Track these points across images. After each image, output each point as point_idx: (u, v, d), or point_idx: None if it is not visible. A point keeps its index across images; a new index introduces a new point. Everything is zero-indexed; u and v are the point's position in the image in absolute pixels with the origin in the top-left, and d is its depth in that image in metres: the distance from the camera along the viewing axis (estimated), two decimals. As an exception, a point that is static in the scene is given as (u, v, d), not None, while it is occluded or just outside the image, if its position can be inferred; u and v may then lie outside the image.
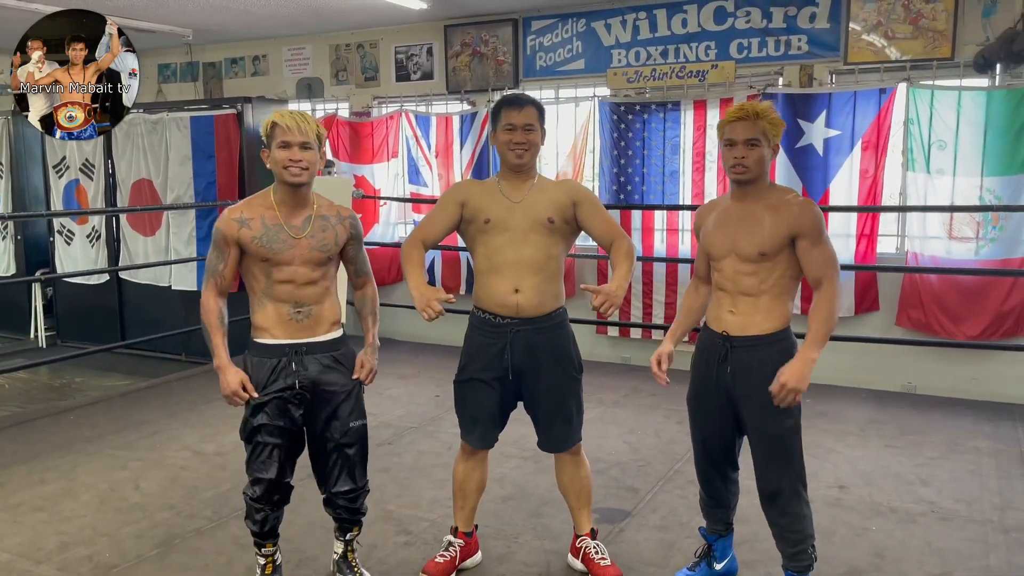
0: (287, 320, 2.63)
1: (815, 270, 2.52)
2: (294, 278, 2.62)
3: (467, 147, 6.50)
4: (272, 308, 2.64)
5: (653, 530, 3.35)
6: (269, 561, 2.83)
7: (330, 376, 2.69)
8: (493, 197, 2.81)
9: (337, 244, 2.70)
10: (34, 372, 6.81)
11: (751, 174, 2.54)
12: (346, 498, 2.79)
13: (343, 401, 2.72)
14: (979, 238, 5.07)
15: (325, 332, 2.69)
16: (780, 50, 5.56)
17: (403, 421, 4.79)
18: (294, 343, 2.64)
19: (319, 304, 2.67)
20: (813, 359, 2.46)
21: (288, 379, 2.63)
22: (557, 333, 2.86)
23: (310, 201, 2.68)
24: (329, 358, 2.69)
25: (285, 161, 2.55)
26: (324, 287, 2.69)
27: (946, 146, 5.07)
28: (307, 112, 2.81)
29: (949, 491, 3.72)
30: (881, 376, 5.41)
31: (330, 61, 7.29)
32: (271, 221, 2.62)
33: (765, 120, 2.53)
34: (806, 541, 2.62)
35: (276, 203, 2.64)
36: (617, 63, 6.02)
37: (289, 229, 2.61)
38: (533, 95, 2.98)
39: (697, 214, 2.80)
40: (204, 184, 6.89)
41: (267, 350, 2.64)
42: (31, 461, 4.23)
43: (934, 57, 5.12)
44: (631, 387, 5.48)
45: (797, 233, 2.51)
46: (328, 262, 2.69)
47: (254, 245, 2.60)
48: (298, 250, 2.61)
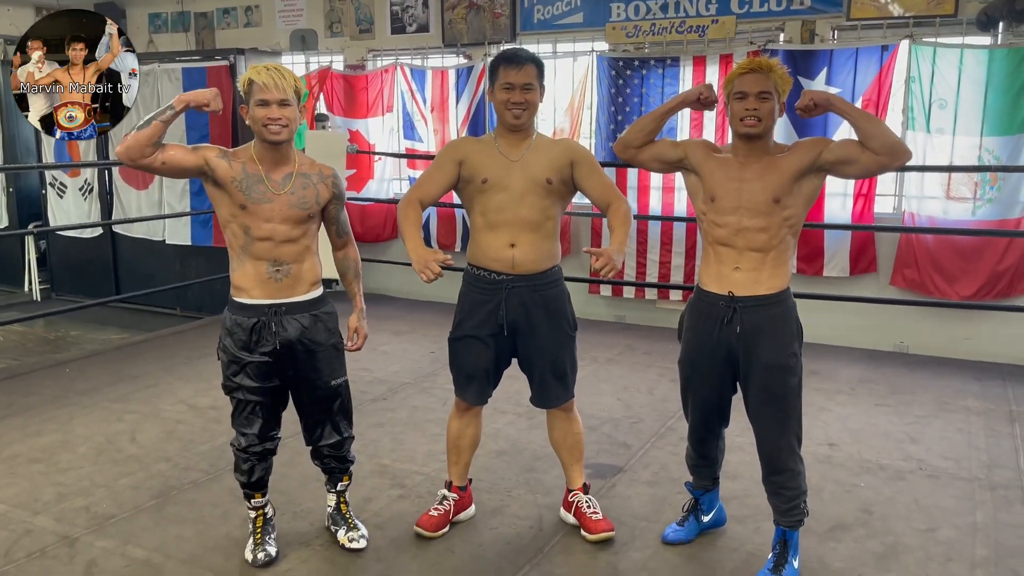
0: (266, 279, 2.61)
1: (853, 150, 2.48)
2: (273, 235, 2.59)
3: (463, 102, 6.42)
4: (251, 266, 2.61)
5: (644, 485, 3.39)
6: (260, 514, 2.86)
7: (310, 335, 2.67)
8: (491, 156, 2.78)
9: (318, 203, 2.66)
10: (29, 325, 6.82)
11: (763, 127, 2.51)
12: (331, 448, 2.83)
13: (323, 360, 2.72)
14: (976, 198, 5.06)
15: (305, 292, 2.67)
16: (782, 5, 5.47)
17: (398, 377, 4.81)
18: (273, 303, 2.62)
19: (298, 263, 2.65)
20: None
21: (268, 342, 2.62)
22: (552, 291, 2.85)
23: (291, 158, 2.64)
24: (309, 318, 2.68)
25: (264, 119, 2.51)
26: (304, 246, 2.66)
27: (947, 105, 5.03)
28: (283, 65, 2.76)
29: (938, 449, 3.76)
30: (874, 336, 5.43)
31: (324, 13, 7.16)
32: (252, 171, 2.58)
33: (776, 74, 2.50)
34: (800, 497, 2.65)
35: (257, 158, 2.60)
36: (616, 17, 5.93)
37: (269, 183, 2.58)
38: (530, 49, 2.93)
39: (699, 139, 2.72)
40: (197, 137, 6.81)
41: (246, 310, 2.63)
42: (27, 413, 4.24)
43: (937, 14, 5.04)
44: (625, 345, 5.50)
45: (824, 148, 2.51)
46: (308, 220, 2.65)
47: (232, 186, 2.56)
48: (277, 206, 2.58)
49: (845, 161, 2.51)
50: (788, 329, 2.58)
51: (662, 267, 5.93)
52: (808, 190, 2.56)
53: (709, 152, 2.67)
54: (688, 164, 2.69)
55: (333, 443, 2.83)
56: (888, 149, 2.43)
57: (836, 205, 5.41)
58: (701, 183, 2.65)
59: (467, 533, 3.01)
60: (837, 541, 2.95)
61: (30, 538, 2.97)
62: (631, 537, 2.97)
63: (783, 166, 2.53)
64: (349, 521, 2.93)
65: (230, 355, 2.64)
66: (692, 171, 2.68)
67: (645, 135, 2.75)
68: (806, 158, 2.53)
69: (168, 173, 2.62)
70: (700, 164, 2.65)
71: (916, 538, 2.97)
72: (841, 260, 5.46)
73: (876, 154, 2.44)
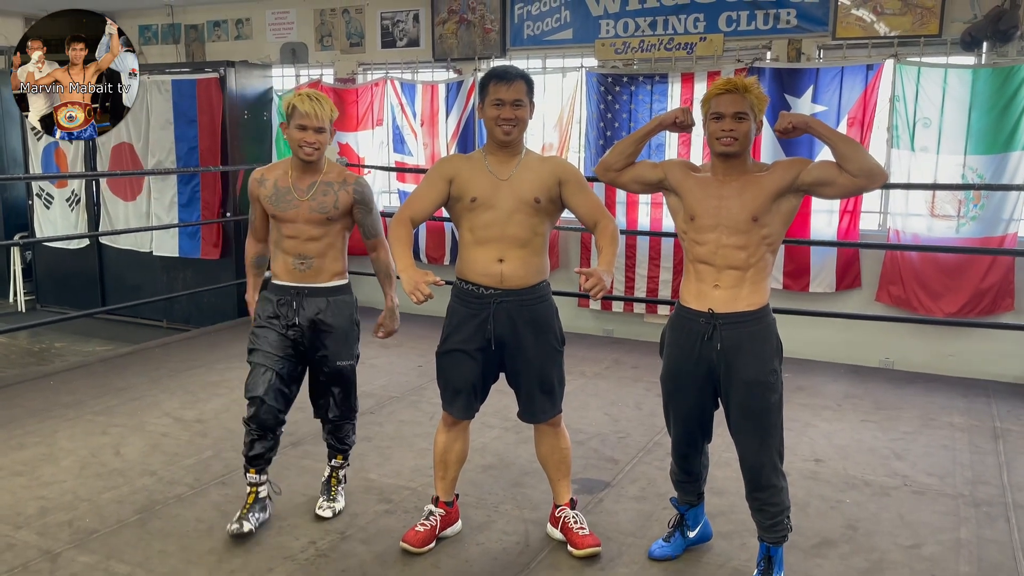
0: (292, 269, 3.05)
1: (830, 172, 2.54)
2: (298, 234, 3.02)
3: (453, 116, 6.44)
4: (281, 258, 3.08)
5: (631, 501, 3.39)
6: (252, 490, 3.08)
7: (323, 317, 3.05)
8: (480, 175, 2.79)
9: (337, 207, 3.02)
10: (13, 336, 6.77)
11: (739, 146, 2.54)
12: (332, 424, 3.20)
13: (332, 341, 3.08)
14: (960, 216, 5.11)
15: (326, 280, 3.08)
16: (769, 24, 5.53)
17: (385, 391, 4.80)
18: (296, 286, 3.05)
19: (321, 258, 3.05)
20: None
21: (288, 316, 3.03)
22: (540, 306, 2.86)
23: (320, 169, 3.04)
24: (324, 301, 3.06)
25: (300, 141, 2.92)
26: (327, 243, 3.06)
27: (931, 124, 5.09)
28: (323, 95, 3.00)
29: (923, 465, 3.78)
30: (859, 351, 5.47)
31: (315, 26, 7.19)
32: (283, 184, 3.02)
33: (752, 94, 2.53)
34: (783, 513, 2.66)
35: (291, 168, 3.04)
36: (605, 33, 5.97)
37: (296, 192, 3.01)
38: (520, 65, 2.96)
39: (677, 159, 2.76)
40: (186, 149, 6.81)
41: (276, 289, 3.10)
42: (10, 425, 4.20)
43: (922, 34, 5.11)
44: (613, 359, 5.51)
45: (801, 171, 2.55)
46: (329, 223, 3.03)
47: (266, 202, 3.06)
48: (300, 210, 3.00)
49: (823, 183, 2.55)
50: (768, 346, 2.60)
51: (650, 282, 5.95)
52: (786, 209, 2.59)
53: (688, 172, 2.70)
54: (668, 184, 2.71)
55: (333, 419, 3.18)
56: (865, 172, 2.47)
57: (822, 222, 5.45)
58: (681, 202, 2.68)
59: (453, 548, 3.00)
60: (823, 557, 2.95)
61: (12, 552, 2.94)
62: (618, 553, 2.96)
63: (762, 185, 2.56)
64: (331, 492, 3.28)
65: (259, 320, 3.07)
66: (672, 191, 2.72)
67: (625, 158, 2.79)
68: (785, 178, 2.56)
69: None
70: (679, 184, 2.68)
71: (901, 554, 2.98)
72: (827, 276, 5.50)
73: (853, 176, 2.48)
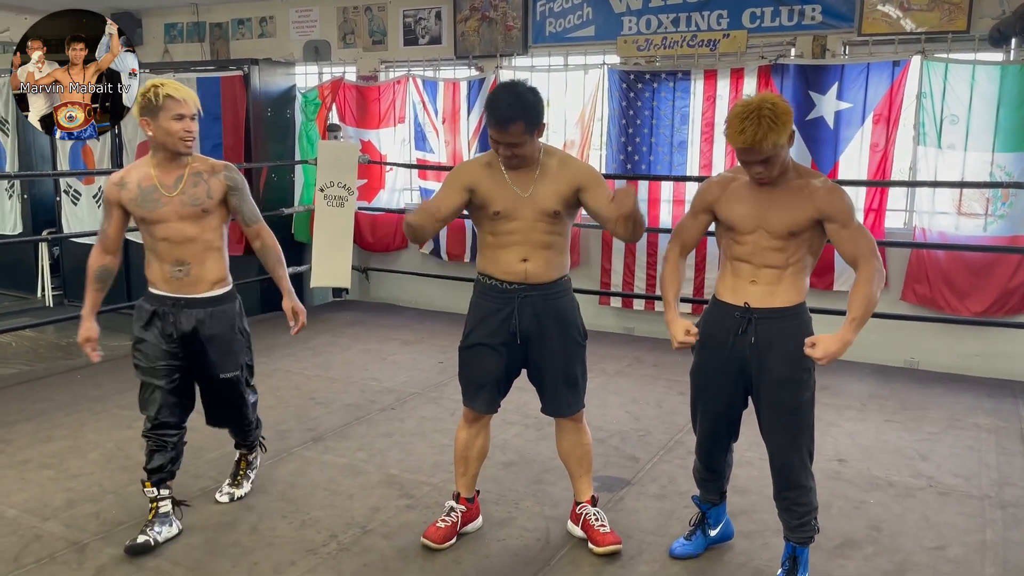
0: (169, 277, 2.87)
1: (849, 251, 2.54)
2: (171, 235, 2.83)
3: (474, 113, 6.45)
4: (157, 265, 2.90)
5: (652, 499, 3.38)
6: (153, 507, 2.99)
7: (203, 328, 2.90)
8: (501, 188, 2.78)
9: (210, 197, 2.86)
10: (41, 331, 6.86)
11: (773, 178, 2.52)
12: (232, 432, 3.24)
13: (215, 352, 2.94)
14: (988, 214, 5.04)
15: (206, 290, 2.91)
16: (793, 20, 5.48)
17: (406, 387, 4.82)
18: (174, 296, 2.89)
19: (200, 265, 2.87)
20: (849, 341, 2.47)
21: (166, 328, 2.88)
22: (562, 300, 2.88)
23: (185, 162, 2.86)
24: (205, 312, 2.90)
25: (180, 132, 2.77)
26: (204, 245, 2.87)
27: (958, 121, 5.03)
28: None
29: (948, 466, 3.74)
30: (884, 351, 5.41)
31: (338, 24, 7.22)
32: (147, 183, 2.83)
33: (768, 141, 2.38)
34: (811, 514, 2.65)
35: (154, 166, 2.85)
36: (628, 30, 5.95)
37: (163, 189, 2.82)
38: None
39: (706, 188, 2.71)
40: (210, 146, 6.86)
41: (152, 299, 2.93)
42: (38, 419, 4.27)
43: (949, 30, 5.04)
44: (634, 357, 5.50)
45: (825, 217, 2.51)
46: (204, 216, 2.85)
47: (131, 206, 2.84)
48: (171, 207, 2.81)
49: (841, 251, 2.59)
50: (802, 343, 2.57)
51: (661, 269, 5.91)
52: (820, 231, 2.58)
53: (722, 190, 2.66)
54: (715, 216, 2.70)
55: (231, 431, 3.20)
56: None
57: (847, 220, 5.39)
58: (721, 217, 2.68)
59: (474, 545, 3.01)
60: (846, 558, 2.93)
61: (39, 544, 2.99)
62: (638, 551, 2.96)
63: (797, 205, 2.52)
64: (238, 478, 3.30)
65: (137, 332, 2.92)
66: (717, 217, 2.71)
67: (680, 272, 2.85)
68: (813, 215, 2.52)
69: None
70: (720, 208, 2.66)
71: (925, 556, 2.96)
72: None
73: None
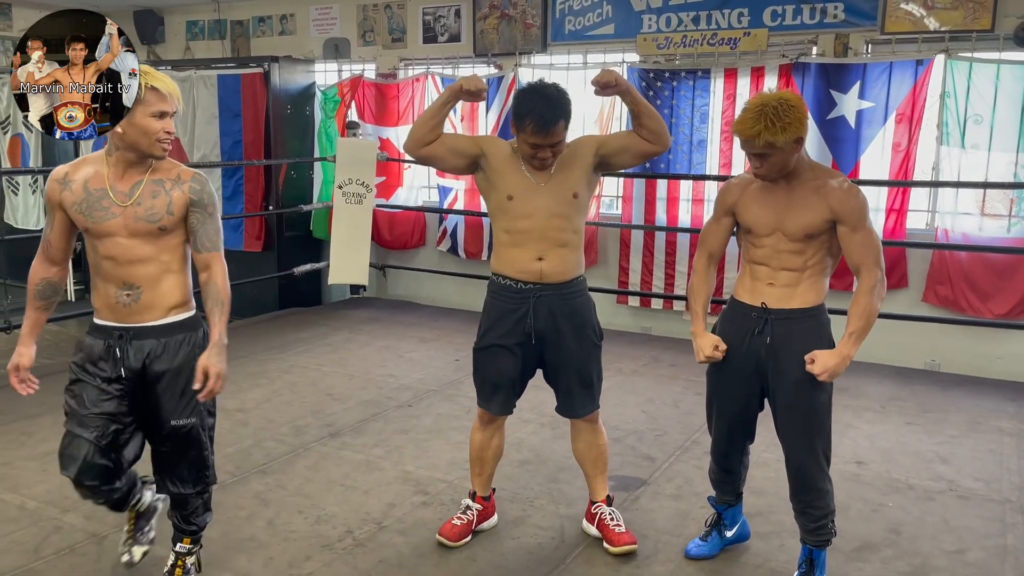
0: (114, 303, 2.33)
1: (854, 257, 2.51)
2: (117, 254, 2.29)
3: (493, 111, 6.44)
4: (101, 288, 2.35)
5: (668, 499, 3.37)
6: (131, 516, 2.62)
7: (154, 366, 2.35)
8: (517, 175, 2.78)
9: (171, 212, 2.30)
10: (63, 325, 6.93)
11: (770, 178, 2.51)
12: (176, 498, 2.53)
13: (167, 396, 2.38)
14: (1012, 215, 4.98)
15: (159, 317, 2.35)
16: (815, 18, 5.44)
17: (423, 384, 4.83)
18: (120, 327, 2.34)
19: (153, 288, 2.33)
20: (849, 356, 2.46)
21: (109, 369, 2.35)
22: (578, 300, 2.86)
23: (147, 164, 2.32)
24: (158, 344, 2.35)
25: (159, 133, 2.25)
26: (161, 266, 2.33)
27: (982, 120, 4.96)
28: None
29: (968, 470, 3.70)
30: (905, 353, 5.36)
31: (357, 22, 7.24)
32: (95, 185, 2.29)
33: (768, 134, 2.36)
34: (828, 516, 2.62)
35: (110, 164, 2.31)
36: (647, 29, 5.93)
37: (114, 195, 2.28)
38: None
39: (725, 189, 2.70)
40: (231, 143, 6.91)
41: (97, 331, 2.38)
42: (58, 411, 4.28)
43: (974, 29, 4.98)
44: (651, 357, 5.48)
45: (837, 217, 2.49)
46: (161, 236, 2.31)
47: (73, 211, 2.30)
48: (122, 219, 2.27)
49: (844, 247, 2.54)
50: (819, 344, 2.55)
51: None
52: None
53: (742, 192, 2.64)
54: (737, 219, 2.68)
55: (176, 497, 2.51)
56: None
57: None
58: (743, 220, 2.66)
59: (489, 542, 3.01)
60: (864, 561, 2.91)
61: (59, 535, 3.02)
62: (654, 551, 2.95)
63: (813, 206, 2.50)
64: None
65: (75, 372, 2.43)
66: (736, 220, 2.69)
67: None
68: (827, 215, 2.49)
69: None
70: (739, 211, 2.64)
71: (944, 559, 2.92)
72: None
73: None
